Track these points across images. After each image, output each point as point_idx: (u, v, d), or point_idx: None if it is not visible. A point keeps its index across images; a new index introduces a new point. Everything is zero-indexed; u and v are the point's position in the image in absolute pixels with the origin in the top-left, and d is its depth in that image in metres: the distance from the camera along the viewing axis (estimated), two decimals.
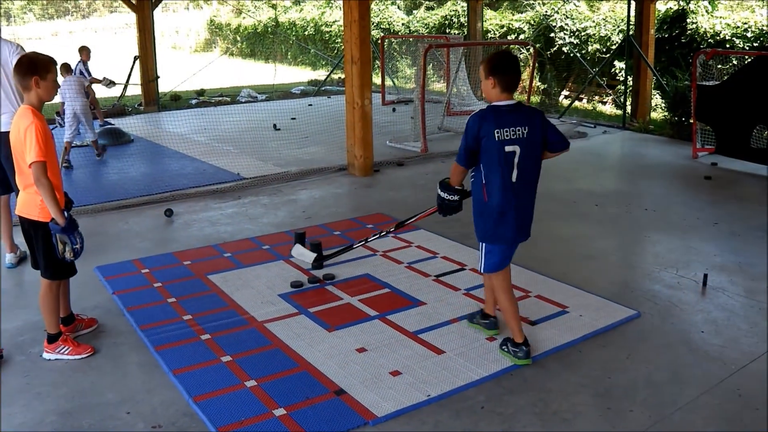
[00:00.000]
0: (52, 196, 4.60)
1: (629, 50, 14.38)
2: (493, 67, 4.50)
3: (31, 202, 4.78)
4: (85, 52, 14.04)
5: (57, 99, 10.87)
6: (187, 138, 12.98)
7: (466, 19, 19.31)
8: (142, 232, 7.75)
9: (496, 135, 4.44)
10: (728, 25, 14.90)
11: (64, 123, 11.22)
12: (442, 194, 4.90)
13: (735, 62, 12.72)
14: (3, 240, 6.76)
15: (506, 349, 4.83)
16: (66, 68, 12.11)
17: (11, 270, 6.59)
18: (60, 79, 10.54)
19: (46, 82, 4.73)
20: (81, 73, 13.51)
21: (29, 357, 4.98)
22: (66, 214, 4.69)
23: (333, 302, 5.78)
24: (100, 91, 14.34)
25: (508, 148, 4.46)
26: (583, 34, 18.13)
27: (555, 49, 18.66)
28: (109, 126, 13.58)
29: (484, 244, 4.76)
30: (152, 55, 17.29)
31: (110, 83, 13.24)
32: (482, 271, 4.85)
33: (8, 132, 6.63)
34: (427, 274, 6.33)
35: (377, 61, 20.18)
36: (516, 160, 4.49)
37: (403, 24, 25.22)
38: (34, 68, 4.69)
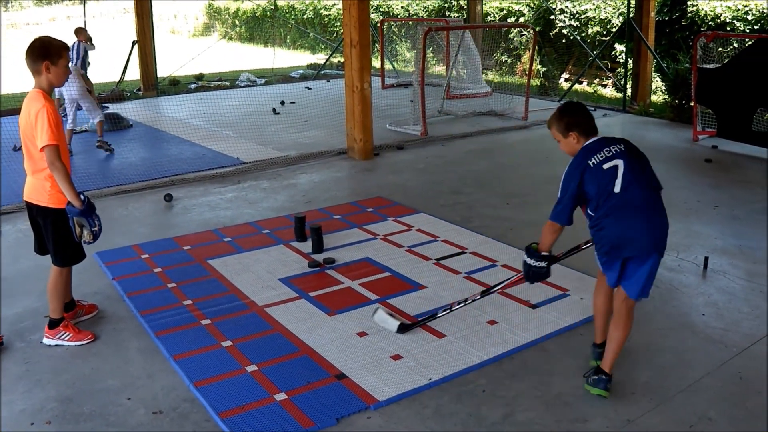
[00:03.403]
0: (67, 180, 4.58)
1: (630, 33, 14.32)
2: (567, 124, 4.26)
3: (40, 187, 4.75)
4: (82, 33, 13.72)
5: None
6: (187, 123, 12.94)
7: (466, 2, 19.22)
8: (142, 218, 7.73)
9: (591, 163, 4.08)
10: (729, 8, 14.84)
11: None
12: (529, 261, 4.39)
13: (736, 45, 12.66)
14: None
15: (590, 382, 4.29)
16: None
17: (12, 256, 6.57)
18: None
19: (57, 67, 4.67)
20: (78, 55, 13.17)
21: (29, 344, 4.97)
22: (83, 196, 4.67)
23: (333, 286, 5.77)
24: (100, 76, 14.19)
25: (606, 165, 4.05)
26: (583, 16, 18.05)
27: (555, 31, 18.58)
28: (108, 111, 13.49)
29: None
30: (151, 40, 17.22)
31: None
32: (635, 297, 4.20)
33: None
34: (427, 258, 6.32)
35: (377, 45, 20.09)
36: (620, 172, 4.03)
37: (402, 7, 25.11)
38: (46, 53, 4.64)
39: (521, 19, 19.44)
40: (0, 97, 15.09)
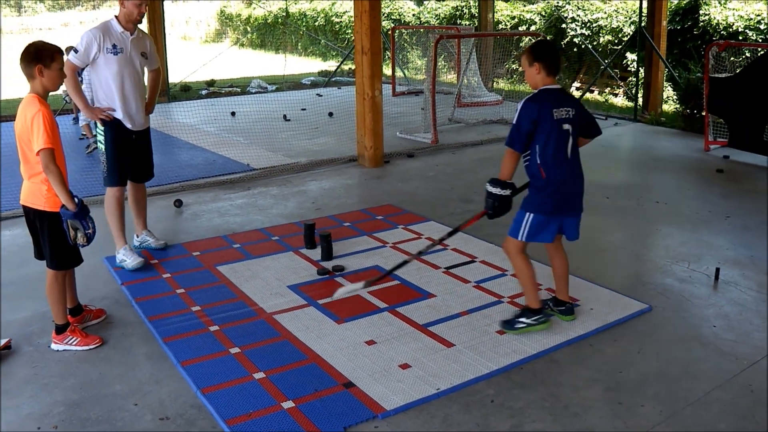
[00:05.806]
0: (61, 183, 4.59)
1: (641, 42, 14.29)
2: (537, 54, 4.77)
3: (37, 191, 4.77)
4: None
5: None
6: (197, 129, 12.96)
7: (477, 10, 19.22)
8: (152, 223, 7.71)
9: (555, 114, 4.71)
10: (741, 17, 14.78)
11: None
12: (494, 190, 4.83)
13: (748, 54, 12.61)
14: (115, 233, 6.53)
15: (523, 324, 5.01)
16: None
17: (20, 260, 6.57)
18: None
19: (50, 71, 4.69)
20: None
21: (37, 348, 4.97)
22: (77, 199, 4.68)
23: None
24: None
25: (564, 126, 4.74)
26: (594, 25, 18.01)
27: (566, 40, 18.55)
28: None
29: (530, 214, 4.90)
30: (162, 45, 17.25)
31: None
32: (520, 238, 4.97)
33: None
34: (437, 266, 6.30)
35: (388, 52, 20.10)
36: (570, 138, 4.77)
37: (413, 15, 25.13)
38: (38, 57, 4.65)
39: (532, 28, 19.42)
40: (0, 102, 15.17)
